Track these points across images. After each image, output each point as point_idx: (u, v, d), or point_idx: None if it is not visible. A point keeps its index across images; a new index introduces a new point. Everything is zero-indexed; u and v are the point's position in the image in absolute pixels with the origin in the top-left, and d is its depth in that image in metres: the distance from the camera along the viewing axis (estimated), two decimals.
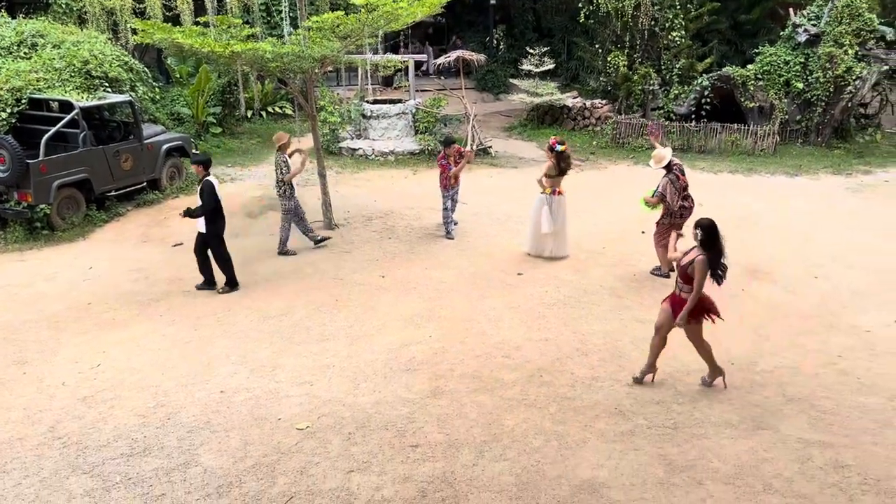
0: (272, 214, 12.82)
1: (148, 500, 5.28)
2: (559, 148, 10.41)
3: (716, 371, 6.89)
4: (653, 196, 9.46)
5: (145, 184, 13.03)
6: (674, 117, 18.50)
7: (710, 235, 6.33)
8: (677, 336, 6.87)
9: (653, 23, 19.50)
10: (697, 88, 18.24)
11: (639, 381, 6.92)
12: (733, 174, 15.81)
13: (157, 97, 15.19)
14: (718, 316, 6.65)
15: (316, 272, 10.14)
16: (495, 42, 24.80)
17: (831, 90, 17.25)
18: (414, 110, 17.60)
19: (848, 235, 11.63)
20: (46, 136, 11.20)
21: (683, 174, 9.61)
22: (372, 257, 10.78)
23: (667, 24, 19.45)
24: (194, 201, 13.16)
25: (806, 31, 17.66)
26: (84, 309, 8.81)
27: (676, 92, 18.76)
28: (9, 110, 11.50)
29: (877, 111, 19.33)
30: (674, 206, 9.39)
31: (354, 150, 16.96)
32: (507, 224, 12.18)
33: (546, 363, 7.30)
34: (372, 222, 12.40)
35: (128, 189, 12.62)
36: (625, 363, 7.35)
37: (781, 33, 18.49)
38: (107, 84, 12.95)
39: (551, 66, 20.37)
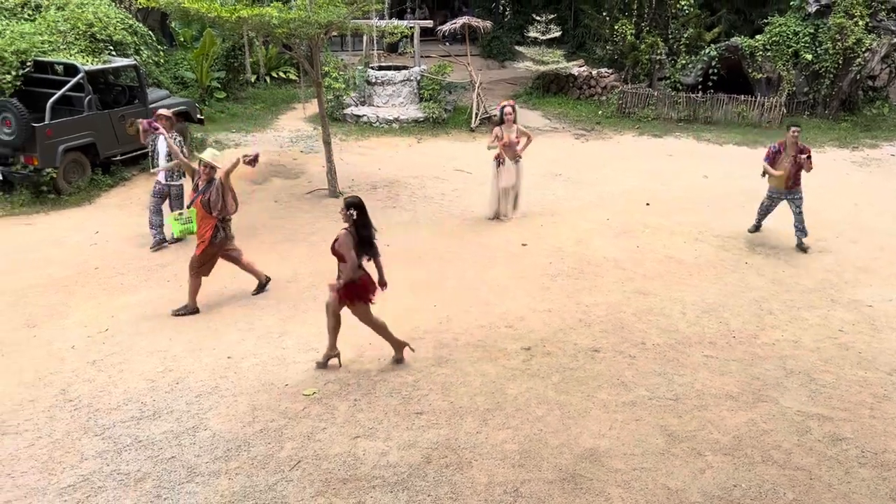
0: (277, 181, 12.85)
1: (158, 463, 5.38)
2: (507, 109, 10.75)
3: (399, 345, 6.81)
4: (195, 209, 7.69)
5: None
6: (680, 87, 18.35)
7: (360, 212, 6.35)
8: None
9: None
10: (705, 59, 18.07)
11: (322, 365, 6.69)
12: (739, 146, 15.75)
13: (161, 61, 15.09)
14: (370, 300, 6.54)
15: (321, 241, 10.14)
16: (501, 8, 24.48)
17: (840, 62, 17.08)
18: (419, 77, 17.47)
19: (852, 210, 11.64)
20: (52, 99, 11.16)
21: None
22: (376, 226, 10.73)
23: None
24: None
25: (817, 0, 17.43)
26: (92, 273, 8.88)
27: (683, 62, 18.58)
28: (14, 73, 11.45)
29: (885, 84, 19.15)
30: (231, 210, 7.85)
31: (359, 116, 16.88)
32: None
33: (549, 334, 7.38)
34: (376, 190, 12.41)
35: (133, 154, 12.58)
36: (627, 335, 7.43)
37: (791, 3, 18.22)
38: (111, 47, 12.86)
39: (558, 34, 20.14)
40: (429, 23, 19.01)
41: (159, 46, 15.53)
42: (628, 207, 11.53)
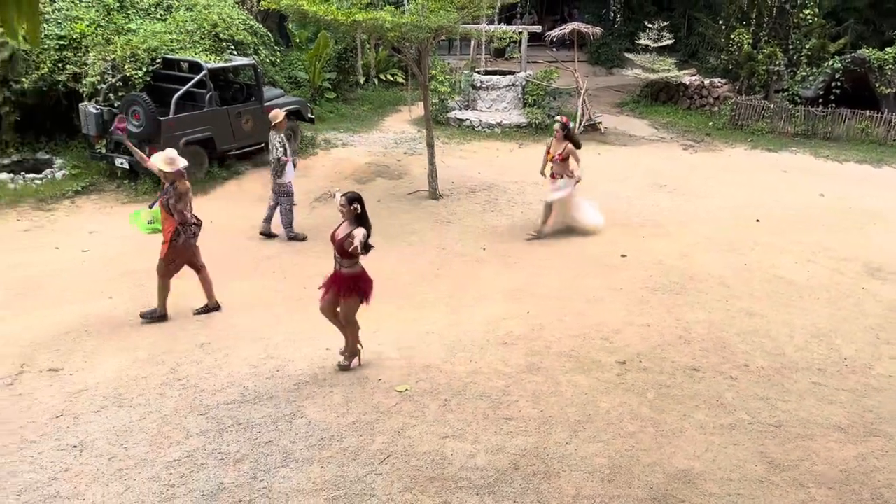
0: (380, 181, 13.14)
1: (256, 446, 5.61)
2: (572, 125, 10.39)
3: (354, 352, 6.70)
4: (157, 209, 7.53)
5: (263, 145, 13.56)
6: (799, 100, 17.48)
7: (363, 208, 6.27)
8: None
9: None
10: (828, 71, 17.14)
11: (346, 367, 6.65)
12: (860, 164, 14.87)
13: (277, 61, 15.72)
14: (368, 297, 6.54)
15: (419, 241, 10.35)
16: (612, 15, 24.09)
17: None
18: (524, 82, 17.44)
19: None
20: (177, 94, 11.85)
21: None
22: (474, 229, 10.89)
23: (798, 1, 18.32)
24: (309, 163, 13.64)
25: None
26: (205, 260, 9.33)
27: (804, 74, 17.70)
28: (144, 69, 12.23)
29: None
30: (190, 218, 7.62)
31: (462, 120, 17.01)
32: (612, 204, 11.97)
33: (646, 349, 7.20)
34: (475, 194, 12.48)
35: (247, 149, 13.18)
36: (728, 355, 7.15)
37: None
38: (233, 47, 13.52)
39: (670, 42, 19.64)
40: (537, 28, 18.93)
41: (276, 47, 16.18)
42: (737, 223, 11.10)
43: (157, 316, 7.74)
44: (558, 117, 11.09)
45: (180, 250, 7.64)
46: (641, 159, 14.80)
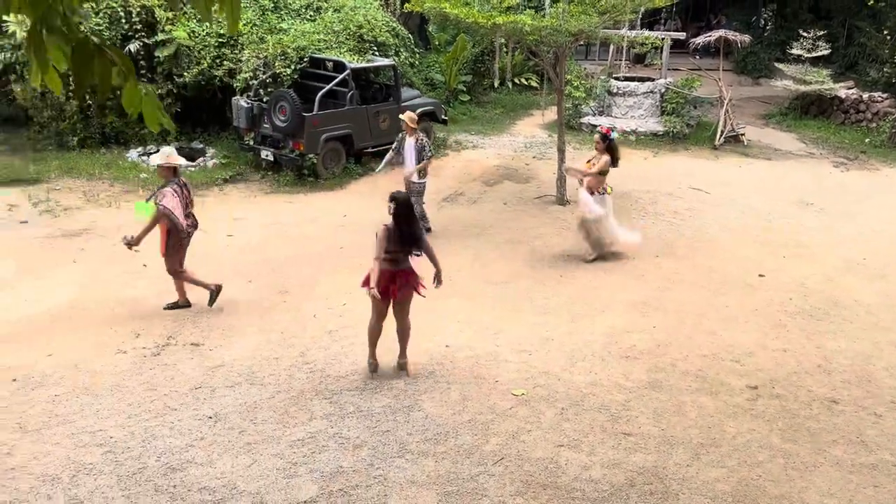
0: (508, 184, 13.16)
1: (374, 434, 5.77)
2: (614, 136, 9.62)
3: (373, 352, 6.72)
4: (154, 205, 7.54)
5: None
6: None
7: (400, 207, 6.32)
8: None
9: None
10: None
11: (374, 369, 6.69)
12: None
13: (416, 63, 16.09)
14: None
15: (543, 245, 10.28)
16: (762, 22, 22.89)
17: None
18: (663, 90, 16.90)
19: None
20: (321, 92, 12.40)
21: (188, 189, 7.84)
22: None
23: None
24: (440, 164, 13.87)
25: None
26: (337, 252, 9.75)
27: None
28: (293, 67, 12.88)
29: None
30: (181, 222, 7.54)
31: (595, 126, 16.67)
32: (751, 219, 11.38)
33: (781, 375, 6.80)
34: None
35: (382, 147, 13.57)
36: (873, 389, 6.63)
37: None
38: (375, 48, 13.98)
39: (825, 52, 18.40)
40: (681, 35, 18.30)
41: (416, 49, 16.58)
42: (890, 248, 10.26)
43: (214, 292, 7.90)
44: (599, 127, 10.57)
45: (177, 239, 7.66)
46: (786, 174, 14.00)
